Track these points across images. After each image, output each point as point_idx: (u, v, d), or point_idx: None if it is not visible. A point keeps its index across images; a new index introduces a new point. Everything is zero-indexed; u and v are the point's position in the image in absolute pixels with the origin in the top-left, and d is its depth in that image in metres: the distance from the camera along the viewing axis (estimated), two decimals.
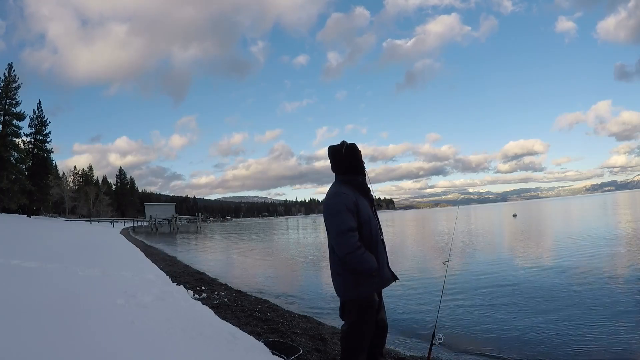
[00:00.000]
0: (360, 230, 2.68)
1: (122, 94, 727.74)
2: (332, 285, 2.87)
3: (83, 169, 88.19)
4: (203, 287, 8.09)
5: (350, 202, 2.67)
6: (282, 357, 3.65)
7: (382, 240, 2.86)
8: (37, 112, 45.57)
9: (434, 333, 3.23)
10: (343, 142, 2.85)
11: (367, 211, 2.75)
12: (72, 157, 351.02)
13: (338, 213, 2.65)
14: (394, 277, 2.90)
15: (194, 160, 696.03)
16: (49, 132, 46.36)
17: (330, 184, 2.89)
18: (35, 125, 44.97)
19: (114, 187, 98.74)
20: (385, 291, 3.06)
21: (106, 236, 24.74)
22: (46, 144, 46.28)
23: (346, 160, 2.81)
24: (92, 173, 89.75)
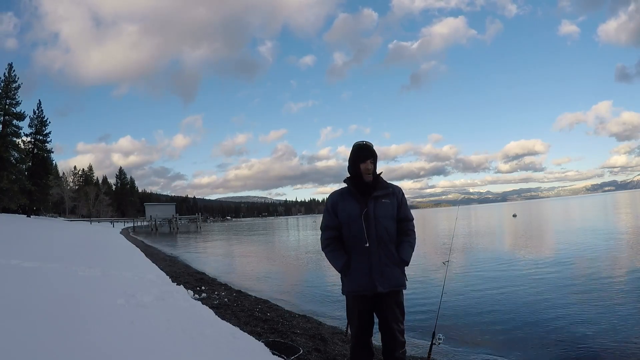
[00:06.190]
0: (342, 231, 2.75)
1: (132, 94, 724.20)
2: (333, 285, 2.88)
3: (83, 169, 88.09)
4: (203, 287, 8.09)
5: (330, 202, 2.81)
6: (282, 357, 3.65)
7: (368, 247, 2.61)
8: (37, 112, 45.59)
9: (434, 333, 3.22)
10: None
11: (348, 213, 2.69)
12: (75, 157, 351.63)
13: (324, 211, 2.87)
14: (375, 288, 2.60)
15: (197, 160, 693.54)
16: (49, 132, 46.42)
17: (333, 184, 2.90)
18: (35, 125, 44.92)
19: (114, 187, 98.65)
20: None
21: (106, 236, 24.74)
22: (46, 144, 46.30)
23: (349, 159, 2.82)
24: (92, 173, 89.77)
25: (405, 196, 2.87)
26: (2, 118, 38.72)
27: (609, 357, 4.38)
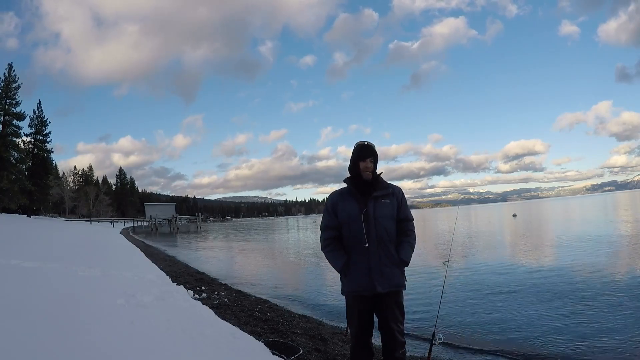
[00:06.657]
0: (341, 231, 2.75)
1: (133, 94, 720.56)
2: (333, 285, 2.87)
3: (83, 169, 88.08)
4: (203, 287, 8.09)
5: (330, 202, 2.81)
6: (282, 357, 3.65)
7: (368, 247, 2.61)
8: (37, 112, 45.62)
9: (434, 333, 3.22)
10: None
11: (348, 213, 2.69)
12: (75, 157, 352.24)
13: (323, 212, 2.87)
14: (374, 288, 2.60)
15: (197, 160, 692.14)
16: (49, 132, 46.48)
17: (333, 184, 2.90)
18: (35, 125, 44.95)
19: (114, 187, 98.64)
20: None
21: (106, 236, 24.73)
22: (46, 144, 46.33)
23: (351, 158, 2.82)
24: (92, 173, 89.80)
25: (405, 196, 2.88)
26: (2, 118, 38.72)
27: (609, 357, 4.38)
